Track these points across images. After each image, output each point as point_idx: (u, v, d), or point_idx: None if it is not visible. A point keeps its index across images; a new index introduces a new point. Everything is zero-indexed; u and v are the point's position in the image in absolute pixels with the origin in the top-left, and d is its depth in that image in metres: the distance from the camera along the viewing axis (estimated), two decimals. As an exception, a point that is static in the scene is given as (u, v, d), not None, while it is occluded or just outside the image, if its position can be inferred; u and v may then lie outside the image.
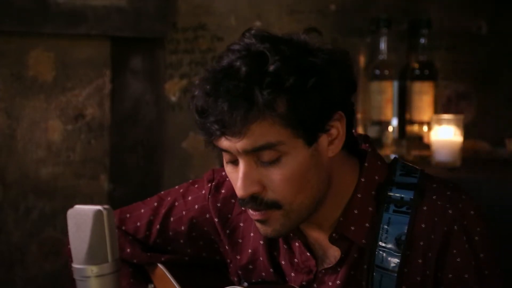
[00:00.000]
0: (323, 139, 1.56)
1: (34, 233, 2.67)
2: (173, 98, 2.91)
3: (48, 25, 2.59)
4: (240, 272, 1.76)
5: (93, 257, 1.45)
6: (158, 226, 1.81)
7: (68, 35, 2.68)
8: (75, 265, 1.47)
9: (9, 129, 2.63)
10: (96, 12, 2.67)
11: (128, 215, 1.84)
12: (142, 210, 1.84)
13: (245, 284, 1.73)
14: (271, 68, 1.50)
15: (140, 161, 2.88)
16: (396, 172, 1.64)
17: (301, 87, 1.50)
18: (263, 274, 1.73)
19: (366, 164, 1.63)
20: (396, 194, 1.61)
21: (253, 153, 1.53)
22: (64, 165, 2.73)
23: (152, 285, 1.83)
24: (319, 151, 1.56)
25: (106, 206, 1.46)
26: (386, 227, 1.60)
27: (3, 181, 2.62)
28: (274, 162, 1.53)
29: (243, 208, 1.65)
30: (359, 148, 1.67)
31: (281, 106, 1.50)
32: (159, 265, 1.80)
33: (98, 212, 1.44)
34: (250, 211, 1.58)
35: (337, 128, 1.56)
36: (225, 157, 1.58)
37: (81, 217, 1.46)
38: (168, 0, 2.84)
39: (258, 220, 1.59)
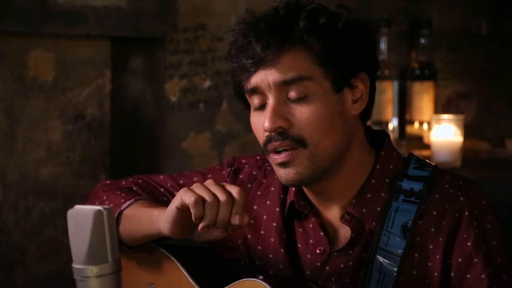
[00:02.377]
0: (348, 95, 1.64)
1: (34, 233, 2.67)
2: (173, 98, 2.91)
3: (48, 25, 2.59)
4: (250, 249, 1.79)
5: (93, 257, 1.45)
6: (175, 192, 1.83)
7: (68, 35, 2.68)
8: (75, 265, 1.47)
9: (9, 129, 2.63)
10: (96, 12, 2.67)
11: (144, 177, 1.91)
12: (161, 177, 1.90)
13: (260, 277, 1.74)
14: (308, 7, 1.62)
15: (140, 161, 2.88)
16: (410, 165, 1.70)
17: (333, 27, 1.61)
18: (271, 256, 1.76)
19: (382, 153, 1.70)
20: (406, 185, 1.67)
21: (283, 88, 1.60)
22: (64, 165, 2.73)
23: (153, 285, 1.83)
24: (344, 103, 1.64)
25: (106, 206, 1.46)
26: (393, 213, 1.65)
27: (3, 181, 2.62)
28: (302, 99, 1.60)
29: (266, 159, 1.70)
30: (377, 141, 1.73)
31: (314, 42, 1.60)
32: (171, 256, 1.80)
33: (98, 212, 1.45)
34: (274, 156, 1.63)
35: (361, 90, 1.66)
36: (254, 101, 1.64)
37: (81, 217, 1.46)
38: (168, 0, 2.84)
39: (281, 163, 1.62)
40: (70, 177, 2.74)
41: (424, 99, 3.14)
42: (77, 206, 1.47)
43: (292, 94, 1.60)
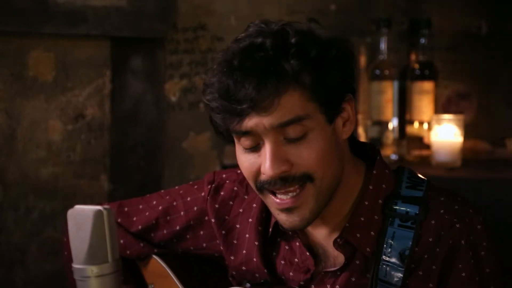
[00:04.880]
0: (338, 120, 1.58)
1: (34, 233, 2.67)
2: (173, 98, 2.91)
3: (48, 25, 2.59)
4: (234, 272, 1.77)
5: (93, 257, 1.45)
6: (153, 221, 1.82)
7: (68, 35, 2.68)
8: (75, 265, 1.47)
9: (9, 129, 2.63)
10: (96, 12, 2.67)
11: (126, 209, 1.86)
12: (141, 206, 1.85)
13: (248, 285, 1.73)
14: (294, 40, 1.52)
15: (140, 161, 2.88)
16: (402, 184, 1.65)
17: (324, 58, 1.53)
18: (257, 275, 1.73)
19: (374, 172, 1.64)
20: (401, 208, 1.61)
21: (280, 130, 1.52)
22: (64, 165, 2.73)
23: (153, 285, 1.83)
24: (336, 131, 1.58)
25: (106, 206, 1.46)
26: (390, 241, 1.60)
27: (3, 181, 2.62)
28: (301, 138, 1.53)
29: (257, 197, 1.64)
30: (364, 153, 1.68)
31: (307, 78, 1.52)
32: (162, 263, 1.81)
33: (98, 212, 1.45)
34: (277, 200, 1.56)
35: (348, 111, 1.59)
36: (245, 143, 1.55)
37: (81, 217, 1.46)
38: (168, 0, 2.84)
39: (286, 209, 1.56)
40: (70, 177, 2.74)
41: (424, 99, 3.14)
42: (77, 206, 1.48)
43: (291, 134, 1.53)
